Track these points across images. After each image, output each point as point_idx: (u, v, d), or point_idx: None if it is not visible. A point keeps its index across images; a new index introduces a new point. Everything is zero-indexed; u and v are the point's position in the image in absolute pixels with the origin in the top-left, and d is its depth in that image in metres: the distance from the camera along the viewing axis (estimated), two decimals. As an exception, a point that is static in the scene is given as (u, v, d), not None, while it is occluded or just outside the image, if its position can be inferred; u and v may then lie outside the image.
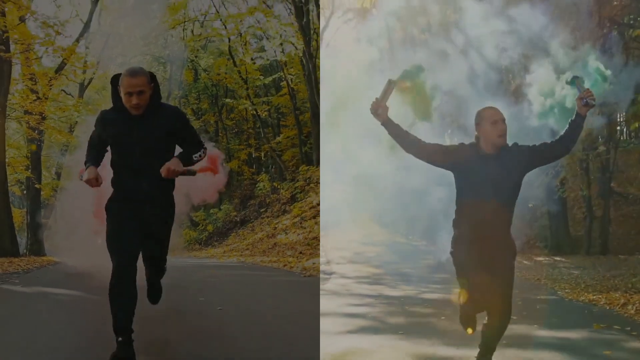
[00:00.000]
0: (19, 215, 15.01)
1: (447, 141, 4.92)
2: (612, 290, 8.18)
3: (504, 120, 4.55)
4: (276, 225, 14.46)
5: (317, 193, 13.54)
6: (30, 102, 12.53)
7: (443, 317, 6.22)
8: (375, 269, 10.60)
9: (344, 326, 6.04)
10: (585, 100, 4.51)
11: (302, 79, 15.36)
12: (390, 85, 4.76)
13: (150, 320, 4.12)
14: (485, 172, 4.56)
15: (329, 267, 10.83)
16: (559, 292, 8.28)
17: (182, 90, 17.15)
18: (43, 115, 13.05)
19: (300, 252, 11.76)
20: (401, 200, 7.10)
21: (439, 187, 6.07)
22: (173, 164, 4.55)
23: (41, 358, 4.12)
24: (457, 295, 4.54)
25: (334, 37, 14.50)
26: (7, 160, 13.07)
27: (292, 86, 15.96)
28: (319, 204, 12.87)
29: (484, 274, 4.53)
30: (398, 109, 4.83)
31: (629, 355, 4.97)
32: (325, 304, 7.14)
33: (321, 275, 9.56)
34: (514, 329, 3.95)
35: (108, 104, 4.64)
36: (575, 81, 4.83)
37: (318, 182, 13.81)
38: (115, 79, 4.56)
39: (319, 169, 13.86)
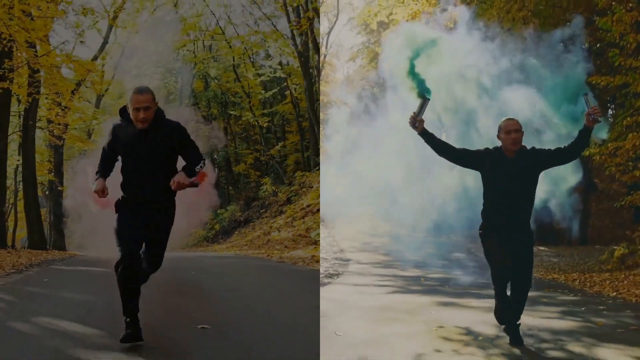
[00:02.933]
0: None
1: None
2: (575, 272, 10.34)
3: (517, 130, 5.39)
4: (272, 225, 16.15)
5: (308, 196, 15.48)
6: (57, 115, 14.39)
7: (447, 287, 8.75)
8: (384, 257, 12.39)
9: (381, 290, 8.79)
10: (593, 117, 5.31)
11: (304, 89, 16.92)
12: (425, 101, 5.61)
13: (151, 282, 5.42)
14: (506, 171, 5.38)
15: (343, 255, 12.60)
16: (535, 275, 10.36)
17: (193, 99, 18.64)
18: (67, 125, 14.87)
19: (285, 246, 13.69)
20: (402, 196, 7.89)
21: (437, 184, 7.10)
22: (181, 177, 5.21)
23: (90, 305, 6.63)
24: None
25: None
26: (32, 165, 14.82)
27: (295, 95, 17.57)
28: (308, 206, 14.93)
29: (507, 255, 5.37)
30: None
31: (558, 301, 7.70)
32: (361, 279, 9.83)
33: (330, 262, 11.62)
34: (489, 292, 5.69)
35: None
36: (584, 98, 5.58)
37: (311, 187, 15.74)
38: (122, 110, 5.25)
39: (312, 174, 15.84)
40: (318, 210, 14.44)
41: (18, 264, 10.38)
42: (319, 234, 13.34)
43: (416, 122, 5.51)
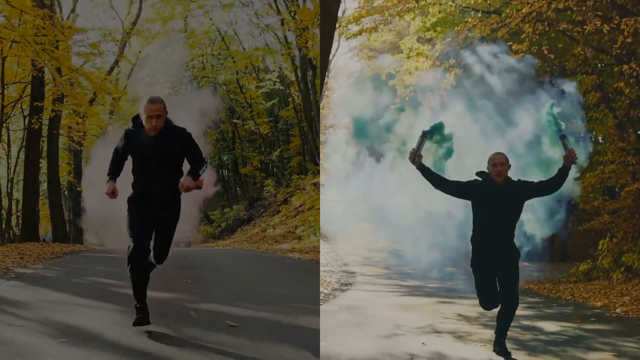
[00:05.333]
0: (58, 212, 17.91)
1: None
2: (547, 283, 12.48)
3: (502, 163, 6.08)
4: (269, 222, 18.27)
5: (300, 198, 17.61)
6: (77, 124, 16.48)
7: (444, 291, 11.18)
8: (384, 270, 14.27)
9: (391, 294, 11.42)
10: (570, 160, 6.08)
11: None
12: (423, 138, 6.26)
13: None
14: (494, 199, 6.09)
15: (348, 268, 14.36)
16: None
17: (202, 104, 19.53)
18: (85, 132, 16.83)
19: (276, 241, 16.03)
20: (399, 214, 8.85)
21: (432, 203, 7.78)
22: (187, 181, 5.85)
23: (117, 272, 8.45)
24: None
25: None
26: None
27: (297, 102, 19.30)
28: (300, 206, 17.08)
29: (492, 274, 6.25)
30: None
31: (525, 302, 9.75)
32: (372, 287, 12.19)
33: (338, 274, 13.66)
34: (474, 295, 7.06)
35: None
36: (562, 140, 6.27)
37: (304, 189, 17.76)
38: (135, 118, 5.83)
39: (308, 177, 17.89)
40: (307, 209, 16.68)
41: (55, 252, 13.59)
42: (303, 230, 15.44)
43: (415, 157, 6.24)
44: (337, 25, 12.22)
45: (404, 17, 13.27)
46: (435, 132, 6.54)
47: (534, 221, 7.49)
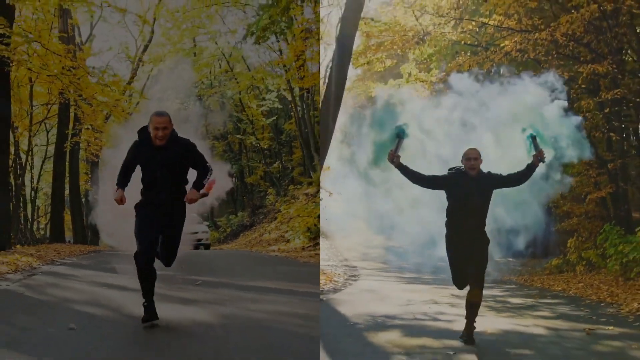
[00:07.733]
0: (73, 216, 19.12)
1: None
2: (525, 275, 14.17)
3: (475, 158, 6.47)
4: (266, 228, 19.51)
5: (292, 206, 18.89)
6: (95, 139, 17.69)
7: (438, 281, 12.32)
8: (382, 264, 15.34)
9: (396, 283, 13.20)
10: (540, 158, 6.44)
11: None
12: (400, 140, 6.64)
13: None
14: (467, 189, 6.48)
15: (348, 263, 15.39)
16: (497, 276, 13.50)
17: (210, 118, 21.10)
18: (101, 147, 17.83)
19: (268, 244, 17.44)
20: (391, 211, 9.05)
21: (417, 204, 8.02)
22: (192, 194, 6.13)
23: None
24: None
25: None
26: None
27: (298, 116, 19.90)
28: (292, 213, 18.27)
29: (464, 258, 6.61)
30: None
31: (502, 287, 12.41)
32: (376, 278, 13.85)
33: (341, 268, 15.04)
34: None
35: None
36: (533, 141, 6.66)
37: (298, 198, 18.99)
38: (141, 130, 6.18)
39: (302, 187, 19.06)
40: (297, 216, 17.88)
41: (81, 250, 16.05)
42: (290, 235, 16.98)
43: (394, 157, 6.60)
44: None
45: (404, 51, 15.06)
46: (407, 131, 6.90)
47: (518, 223, 7.83)
